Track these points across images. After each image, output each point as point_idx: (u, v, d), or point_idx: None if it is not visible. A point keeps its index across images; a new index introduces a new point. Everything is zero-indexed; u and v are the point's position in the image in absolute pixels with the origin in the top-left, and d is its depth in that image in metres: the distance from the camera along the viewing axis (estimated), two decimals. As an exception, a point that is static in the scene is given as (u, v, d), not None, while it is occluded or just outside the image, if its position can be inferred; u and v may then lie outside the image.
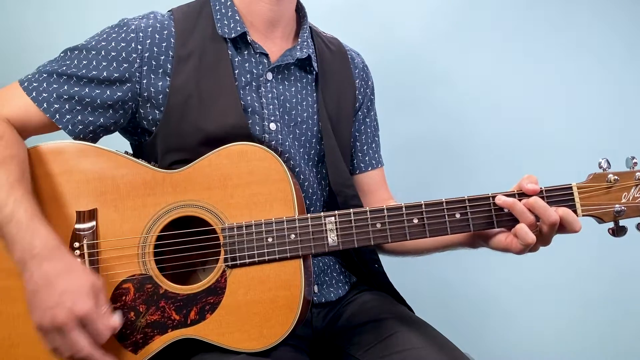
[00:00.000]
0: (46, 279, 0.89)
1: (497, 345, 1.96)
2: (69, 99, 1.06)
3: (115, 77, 1.06)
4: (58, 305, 0.87)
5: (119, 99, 1.08)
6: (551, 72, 1.94)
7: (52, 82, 1.06)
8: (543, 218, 0.97)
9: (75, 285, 0.89)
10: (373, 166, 1.32)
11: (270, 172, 1.03)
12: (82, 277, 0.91)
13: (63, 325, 0.88)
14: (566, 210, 0.98)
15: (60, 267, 0.90)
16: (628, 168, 1.02)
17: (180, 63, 1.09)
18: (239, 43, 1.14)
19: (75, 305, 0.88)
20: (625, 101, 1.95)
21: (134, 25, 1.09)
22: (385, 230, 1.01)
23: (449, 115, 1.93)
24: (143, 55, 1.07)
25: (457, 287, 1.95)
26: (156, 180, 1.03)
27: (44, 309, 0.88)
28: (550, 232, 0.98)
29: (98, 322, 0.89)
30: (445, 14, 1.94)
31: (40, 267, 0.89)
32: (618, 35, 1.95)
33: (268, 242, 1.01)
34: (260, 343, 0.99)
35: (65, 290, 0.88)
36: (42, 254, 0.90)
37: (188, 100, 1.08)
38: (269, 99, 1.13)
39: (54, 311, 0.87)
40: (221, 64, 1.10)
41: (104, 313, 0.91)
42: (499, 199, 0.99)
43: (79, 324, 0.88)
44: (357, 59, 1.32)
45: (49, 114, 1.05)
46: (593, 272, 1.96)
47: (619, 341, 1.97)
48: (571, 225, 0.98)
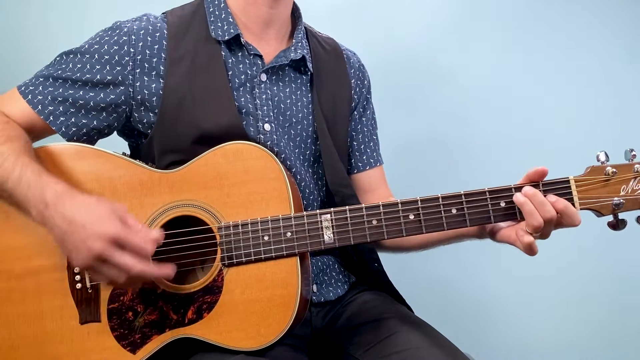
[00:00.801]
0: (66, 221, 0.90)
1: (497, 344, 1.94)
2: (63, 101, 1.07)
3: (109, 80, 1.08)
4: (88, 237, 0.89)
5: (112, 102, 1.09)
6: (551, 72, 1.94)
7: (47, 85, 1.08)
8: (540, 213, 0.96)
9: (95, 214, 0.90)
10: (371, 165, 1.31)
11: (265, 170, 1.03)
12: (99, 206, 0.92)
13: (101, 252, 0.88)
14: (566, 204, 0.97)
15: (75, 205, 0.92)
16: (627, 160, 1.01)
17: (173, 65, 1.09)
18: (232, 45, 1.15)
19: (102, 230, 0.88)
20: (626, 101, 1.94)
21: (127, 28, 1.10)
22: (382, 226, 1.01)
23: (449, 114, 1.93)
24: (135, 58, 1.08)
25: (457, 287, 1.94)
26: (153, 180, 1.04)
27: (78, 248, 0.90)
28: (548, 227, 0.98)
29: (133, 238, 0.90)
30: (445, 14, 1.94)
31: (57, 213, 0.91)
32: (618, 34, 1.95)
33: (264, 240, 1.01)
34: (257, 341, 0.99)
35: (87, 222, 0.89)
36: (54, 201, 0.92)
37: (182, 101, 1.08)
38: (263, 100, 1.14)
39: (87, 244, 0.89)
40: (214, 66, 1.11)
41: (140, 229, 0.91)
42: (516, 197, 0.98)
43: (116, 246, 0.89)
44: (352, 58, 1.32)
45: (43, 116, 1.07)
46: (593, 270, 1.94)
47: (619, 339, 1.95)
48: (571, 218, 0.97)
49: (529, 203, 0.97)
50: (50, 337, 1.00)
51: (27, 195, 0.94)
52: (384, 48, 1.91)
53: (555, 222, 0.98)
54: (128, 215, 0.93)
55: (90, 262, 0.90)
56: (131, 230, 0.90)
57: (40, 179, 0.94)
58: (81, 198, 0.93)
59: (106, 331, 1.00)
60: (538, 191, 0.97)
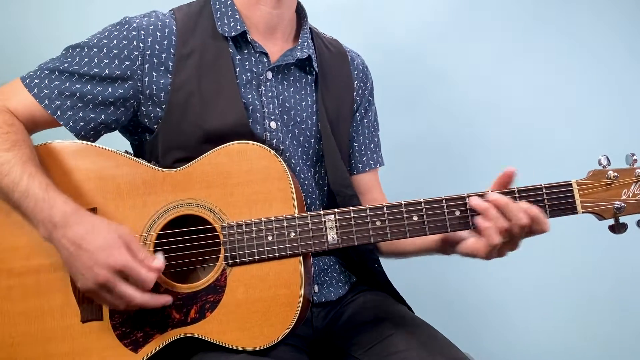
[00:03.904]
0: (75, 245, 0.91)
1: (497, 345, 1.95)
2: (70, 95, 1.06)
3: (117, 75, 1.07)
4: (95, 265, 0.90)
5: (120, 96, 1.08)
6: (551, 72, 1.94)
7: (53, 79, 1.06)
8: (514, 220, 0.95)
9: (103, 241, 0.91)
10: (371, 166, 1.32)
11: (269, 170, 1.03)
12: (108, 232, 0.93)
13: (106, 282, 0.91)
14: (538, 210, 0.96)
15: (83, 229, 0.92)
16: (628, 165, 1.02)
17: (181, 61, 1.09)
18: (239, 42, 1.15)
19: (109, 260, 0.90)
20: (628, 104, 1.95)
21: (136, 23, 1.09)
22: (385, 228, 1.01)
23: (449, 115, 1.93)
24: (145, 53, 1.08)
25: (457, 287, 1.95)
26: (156, 179, 1.04)
27: (83, 273, 0.91)
28: (520, 234, 0.96)
29: (138, 270, 0.92)
30: (445, 14, 1.95)
31: (65, 236, 0.92)
32: (618, 34, 1.96)
33: (268, 240, 1.01)
34: (260, 341, 0.99)
35: (95, 249, 0.91)
36: (62, 223, 0.92)
37: (189, 98, 1.08)
38: (269, 98, 1.14)
39: (93, 272, 0.90)
40: (222, 62, 1.11)
41: (143, 258, 0.93)
42: (473, 200, 0.98)
43: (121, 277, 0.91)
44: (357, 59, 1.33)
45: (50, 111, 1.06)
46: (592, 272, 1.95)
47: (618, 341, 1.96)
48: (541, 225, 0.96)
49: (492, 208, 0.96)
50: (51, 335, 0.99)
51: (35, 211, 0.94)
52: (383, 48, 1.91)
53: (527, 230, 0.97)
54: (133, 240, 0.94)
55: (94, 288, 0.92)
56: (136, 260, 0.92)
57: (47, 195, 0.94)
58: (89, 221, 0.94)
59: (108, 330, 1.00)
60: (511, 200, 0.96)
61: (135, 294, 0.92)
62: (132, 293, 0.92)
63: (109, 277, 0.91)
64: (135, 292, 0.92)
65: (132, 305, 0.93)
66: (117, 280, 0.91)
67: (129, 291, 0.92)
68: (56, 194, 0.95)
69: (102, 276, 0.90)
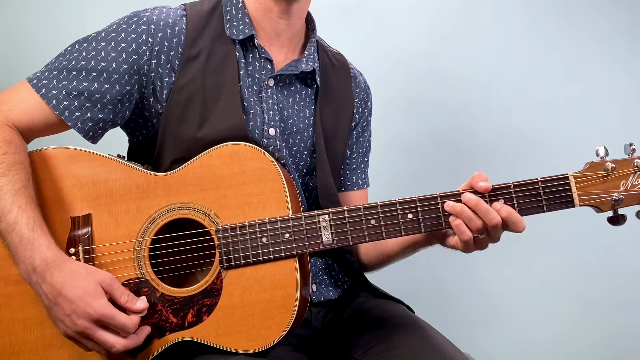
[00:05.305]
0: (54, 291, 0.92)
1: (497, 345, 1.95)
2: (78, 95, 1.05)
3: (125, 69, 1.06)
4: (73, 313, 0.91)
5: (127, 93, 1.07)
6: (551, 72, 1.93)
7: (61, 78, 1.05)
8: (485, 220, 0.96)
9: (82, 289, 0.91)
10: (359, 186, 1.31)
11: (262, 171, 1.02)
12: (87, 279, 0.93)
13: (84, 330, 0.91)
14: (510, 211, 0.96)
15: (63, 276, 0.92)
16: (626, 155, 1.00)
17: (187, 62, 1.09)
18: (246, 45, 1.14)
19: (87, 309, 0.90)
20: (625, 95, 1.93)
21: (146, 17, 1.08)
22: (380, 226, 1.00)
23: (449, 115, 1.92)
24: (153, 49, 1.07)
25: (457, 287, 1.95)
26: (149, 183, 1.03)
27: (62, 320, 0.92)
28: (495, 232, 0.97)
29: (117, 318, 0.92)
30: (446, 14, 1.93)
31: (45, 282, 0.92)
32: (618, 34, 1.94)
33: (262, 242, 1.00)
34: (258, 343, 0.99)
35: (73, 297, 0.91)
36: (41, 268, 0.92)
37: (191, 98, 1.08)
38: (269, 105, 1.13)
39: (71, 319, 0.91)
40: (227, 65, 1.10)
41: (125, 302, 0.94)
42: (447, 204, 0.98)
43: (99, 325, 0.92)
44: (359, 78, 1.31)
45: (58, 112, 1.04)
46: (592, 272, 1.94)
47: (618, 341, 1.95)
48: (515, 225, 0.96)
49: (466, 209, 0.97)
50: (51, 342, 1.00)
51: (17, 248, 0.94)
52: (383, 48, 1.90)
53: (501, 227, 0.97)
54: (113, 284, 0.95)
55: (74, 336, 0.93)
56: (115, 308, 0.93)
57: (32, 235, 0.93)
58: (69, 268, 0.93)
59: (106, 335, 1.00)
60: (481, 200, 0.96)
61: (115, 341, 0.92)
62: (113, 341, 0.92)
63: (88, 326, 0.91)
64: (116, 339, 0.93)
65: (114, 351, 0.93)
66: (96, 329, 0.91)
67: (109, 339, 0.92)
68: (41, 235, 0.94)
69: (80, 325, 0.91)
